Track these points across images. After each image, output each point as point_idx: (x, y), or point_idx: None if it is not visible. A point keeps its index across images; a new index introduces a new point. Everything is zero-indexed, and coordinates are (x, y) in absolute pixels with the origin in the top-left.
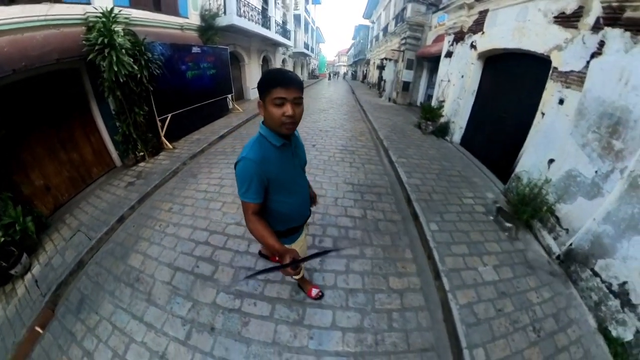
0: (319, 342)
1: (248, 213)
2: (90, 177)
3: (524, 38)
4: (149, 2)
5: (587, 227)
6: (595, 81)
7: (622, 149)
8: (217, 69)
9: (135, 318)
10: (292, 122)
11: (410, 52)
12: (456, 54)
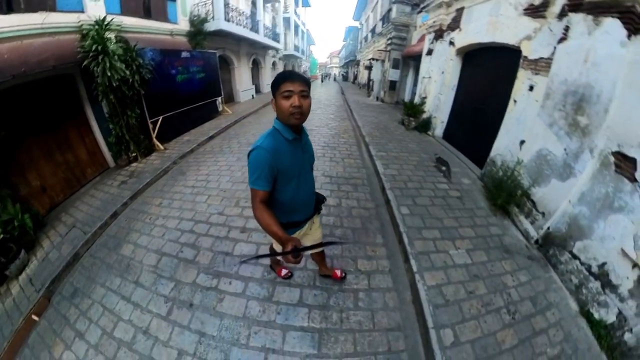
0: (285, 317)
1: (256, 200)
2: (85, 178)
3: (497, 32)
4: (139, 9)
5: (563, 209)
6: (561, 64)
7: (587, 124)
8: (206, 73)
9: (124, 299)
10: (299, 112)
11: (396, 51)
12: (436, 51)
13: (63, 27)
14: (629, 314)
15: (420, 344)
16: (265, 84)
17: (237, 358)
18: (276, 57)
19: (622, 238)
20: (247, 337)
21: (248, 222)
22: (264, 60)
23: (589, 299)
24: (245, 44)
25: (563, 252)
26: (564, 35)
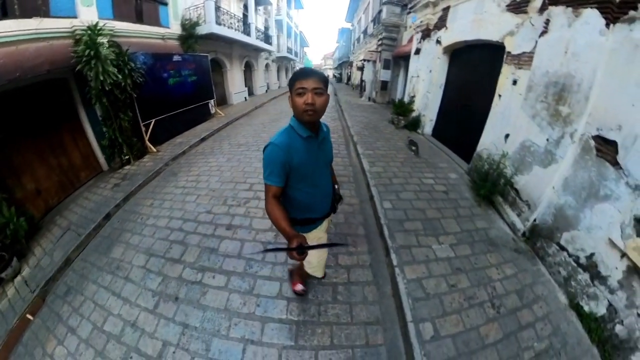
0: (264, 309)
1: (268, 195)
2: (79, 181)
3: (482, 29)
4: (131, 14)
5: (549, 200)
6: (543, 57)
7: (569, 113)
8: (198, 76)
9: (114, 295)
10: (312, 110)
11: (387, 52)
12: (424, 51)
13: (57, 33)
14: (620, 305)
15: (400, 338)
16: (259, 86)
17: (217, 348)
18: (269, 59)
19: (610, 227)
20: (228, 328)
21: (234, 219)
22: (256, 62)
23: (578, 291)
24: (237, 46)
25: (550, 244)
26: (545, 29)
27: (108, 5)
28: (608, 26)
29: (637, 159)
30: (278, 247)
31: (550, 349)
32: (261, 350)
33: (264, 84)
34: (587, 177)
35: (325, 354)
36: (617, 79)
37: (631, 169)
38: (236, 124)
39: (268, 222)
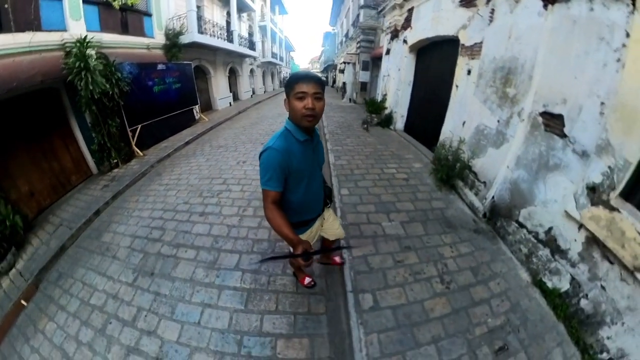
0: (223, 279)
1: (267, 201)
2: (70, 184)
3: (440, 25)
4: (117, 25)
5: (504, 175)
6: (490, 44)
7: (515, 94)
8: (182, 83)
9: (100, 274)
10: (312, 115)
11: (365, 54)
12: (393, 51)
13: (48, 45)
14: (582, 278)
15: (342, 308)
16: (244, 91)
17: (180, 311)
18: (254, 64)
19: (564, 199)
20: (191, 295)
21: (207, 208)
22: (241, 68)
23: (539, 267)
24: (221, 53)
25: (510, 222)
26: (491, 18)
27: (95, 19)
28: (546, 7)
29: (582, 127)
30: (280, 255)
31: (507, 325)
32: (216, 312)
33: (249, 89)
34: (538, 151)
35: (269, 318)
36: (559, 55)
37: (577, 137)
38: (219, 128)
39: (235, 209)
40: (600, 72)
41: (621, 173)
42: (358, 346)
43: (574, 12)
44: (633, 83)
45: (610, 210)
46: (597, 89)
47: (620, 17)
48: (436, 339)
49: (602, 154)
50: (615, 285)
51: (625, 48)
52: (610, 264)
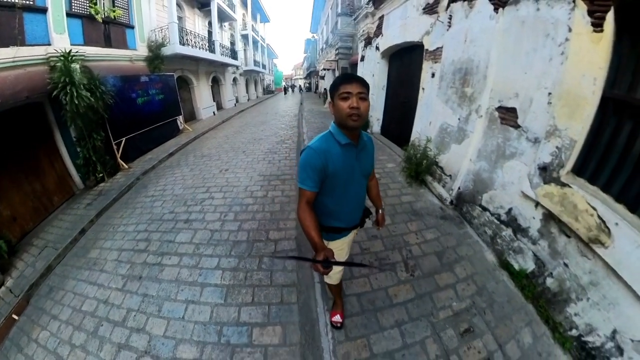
0: (204, 278)
1: (302, 200)
2: (52, 205)
3: (407, 32)
4: (100, 39)
5: (467, 168)
6: (449, 48)
7: (472, 92)
8: (165, 94)
9: (91, 283)
10: (357, 114)
11: (344, 60)
12: (367, 57)
13: (33, 60)
14: (544, 255)
15: (312, 298)
16: (227, 100)
17: (166, 309)
18: (236, 73)
19: (520, 181)
20: (176, 293)
21: (191, 215)
22: (224, 77)
23: (504, 247)
24: (203, 63)
25: (474, 206)
26: (449, 24)
27: (79, 32)
28: (497, 10)
29: (533, 117)
30: (303, 256)
31: (473, 307)
32: (198, 307)
33: (232, 98)
34: (496, 143)
35: (246, 309)
36: (510, 54)
37: (529, 126)
38: (202, 138)
39: (218, 214)
40: (547, 66)
41: (568, 151)
42: (324, 330)
43: (522, 13)
44: (575, 72)
45: (562, 186)
46: (544, 81)
47: (562, 14)
48: (399, 323)
49: (551, 138)
50: (576, 262)
51: (568, 42)
52: (567, 238)
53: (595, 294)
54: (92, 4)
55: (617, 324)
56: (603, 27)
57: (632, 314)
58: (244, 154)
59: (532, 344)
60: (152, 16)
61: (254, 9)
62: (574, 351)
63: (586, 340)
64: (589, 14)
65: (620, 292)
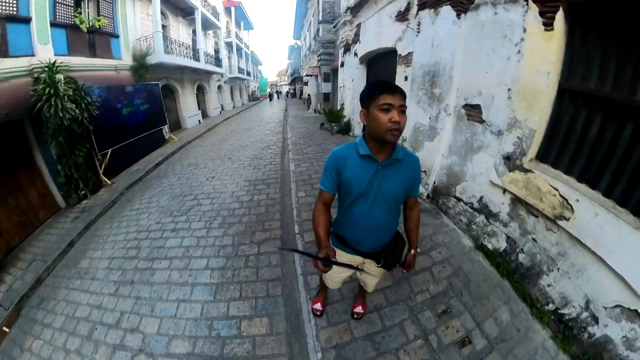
0: (194, 278)
1: (319, 200)
2: (38, 220)
3: (382, 39)
4: (85, 48)
5: (440, 163)
6: (418, 53)
7: (440, 93)
8: (150, 104)
9: (83, 291)
10: (397, 129)
11: (326, 66)
12: (346, 63)
13: (16, 72)
14: (515, 235)
15: (296, 290)
16: (212, 107)
17: (159, 309)
18: (221, 80)
19: (487, 171)
20: (168, 294)
21: (177, 225)
22: (208, 85)
23: (479, 232)
24: (188, 71)
25: (449, 198)
26: (418, 30)
27: (63, 42)
28: (459, 16)
29: (496, 112)
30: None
31: (450, 289)
32: (189, 305)
33: (217, 106)
34: (464, 138)
35: (234, 304)
36: (472, 55)
37: (493, 120)
38: (189, 146)
39: (205, 220)
40: (506, 64)
41: (529, 141)
42: (307, 317)
43: (482, 17)
44: (530, 68)
45: (525, 172)
46: (504, 78)
47: (517, 16)
48: (378, 308)
49: (512, 129)
50: (543, 236)
51: (523, 41)
52: (535, 218)
53: (564, 263)
54: (76, 14)
55: (588, 292)
56: (554, 26)
57: (600, 279)
58: (230, 160)
59: (510, 321)
60: (136, 25)
61: (237, 16)
62: (553, 324)
63: (563, 312)
64: (541, 15)
65: (586, 259)
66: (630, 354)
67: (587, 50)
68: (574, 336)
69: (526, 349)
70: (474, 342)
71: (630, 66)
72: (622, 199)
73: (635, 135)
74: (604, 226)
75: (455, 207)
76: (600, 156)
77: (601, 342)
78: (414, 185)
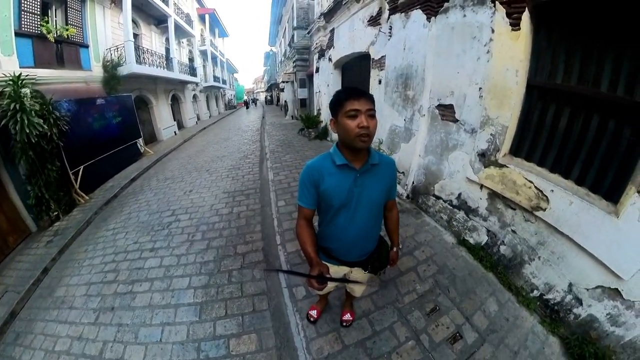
0: (177, 298)
1: (299, 217)
2: (8, 247)
3: (355, 43)
4: (52, 59)
5: (417, 163)
6: (391, 56)
7: (414, 94)
8: (122, 116)
9: (62, 322)
10: (367, 134)
11: (301, 72)
12: (321, 68)
13: None
14: (495, 228)
15: (283, 303)
16: (188, 118)
17: (143, 335)
18: (196, 90)
19: (464, 168)
20: (151, 318)
21: (155, 244)
22: (183, 95)
23: (460, 228)
24: (161, 81)
25: (428, 197)
26: (390, 34)
27: (29, 53)
28: (429, 19)
29: (468, 111)
30: (296, 271)
31: (436, 287)
32: (174, 328)
33: (193, 116)
34: (439, 137)
35: (221, 323)
36: (443, 57)
37: (466, 119)
38: (165, 159)
39: (185, 236)
40: (476, 64)
41: (501, 137)
42: (296, 330)
43: (452, 20)
44: (500, 67)
45: (500, 167)
46: (475, 78)
47: (486, 18)
48: (367, 313)
49: (485, 127)
50: (522, 227)
51: (492, 41)
52: (513, 210)
53: (545, 251)
54: (43, 22)
55: (569, 276)
56: (520, 26)
57: (580, 263)
58: (207, 172)
59: (498, 311)
60: (107, 34)
61: (212, 24)
62: (540, 310)
63: (548, 298)
64: (508, 16)
65: (565, 246)
66: (616, 329)
67: (553, 48)
68: (561, 319)
69: (517, 337)
70: (465, 336)
71: (593, 61)
72: (594, 186)
73: (602, 125)
74: (579, 213)
75: (435, 205)
76: (570, 147)
77: (587, 321)
78: (393, 187)
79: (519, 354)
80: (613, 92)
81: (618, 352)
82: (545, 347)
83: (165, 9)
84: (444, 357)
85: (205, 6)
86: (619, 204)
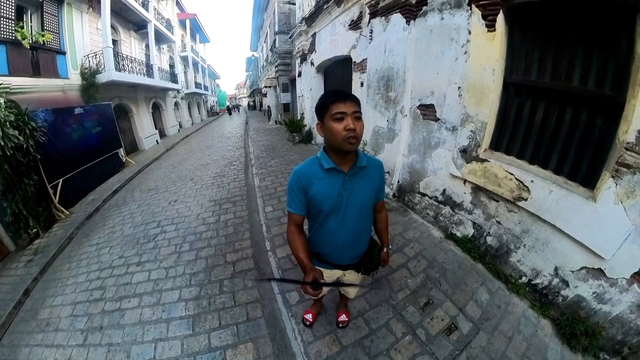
0: (169, 313)
1: (290, 223)
2: None
3: (336, 47)
4: (28, 67)
5: (402, 163)
6: (372, 59)
7: (395, 96)
8: (102, 126)
9: (48, 346)
10: (354, 136)
11: (284, 77)
12: (304, 72)
13: None
14: (480, 220)
15: (277, 309)
16: (170, 126)
17: (135, 353)
18: (178, 97)
19: (447, 165)
20: (142, 335)
21: (142, 257)
22: (165, 102)
23: (447, 223)
24: (142, 89)
25: (414, 194)
26: (371, 37)
27: (2, 60)
28: (409, 23)
29: (448, 109)
30: (291, 279)
31: (428, 281)
32: (168, 344)
33: (175, 123)
34: (422, 136)
35: (215, 334)
36: (423, 58)
37: (447, 118)
38: (147, 170)
39: (172, 248)
40: (454, 65)
41: (481, 133)
42: (293, 336)
43: (430, 23)
44: (477, 67)
45: (481, 162)
46: (454, 78)
47: (462, 20)
48: (362, 312)
49: (465, 124)
50: (506, 217)
51: (469, 42)
52: (496, 202)
53: (529, 239)
54: (18, 28)
55: (555, 261)
56: (495, 27)
57: (563, 247)
58: (192, 181)
59: (489, 300)
60: (85, 40)
61: (193, 29)
62: (529, 295)
63: (536, 282)
64: (483, 18)
65: (548, 232)
66: (603, 306)
67: (527, 46)
68: (550, 302)
69: (510, 323)
70: (460, 326)
71: (564, 58)
72: (571, 174)
73: (575, 117)
74: (559, 200)
75: (421, 202)
76: (547, 139)
77: (575, 301)
78: (381, 189)
79: (514, 339)
80: (584, 85)
81: (607, 328)
82: (538, 329)
83: (145, 14)
84: (441, 349)
85: (186, 11)
86: (595, 189)
